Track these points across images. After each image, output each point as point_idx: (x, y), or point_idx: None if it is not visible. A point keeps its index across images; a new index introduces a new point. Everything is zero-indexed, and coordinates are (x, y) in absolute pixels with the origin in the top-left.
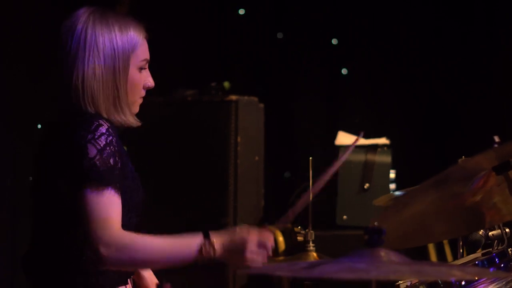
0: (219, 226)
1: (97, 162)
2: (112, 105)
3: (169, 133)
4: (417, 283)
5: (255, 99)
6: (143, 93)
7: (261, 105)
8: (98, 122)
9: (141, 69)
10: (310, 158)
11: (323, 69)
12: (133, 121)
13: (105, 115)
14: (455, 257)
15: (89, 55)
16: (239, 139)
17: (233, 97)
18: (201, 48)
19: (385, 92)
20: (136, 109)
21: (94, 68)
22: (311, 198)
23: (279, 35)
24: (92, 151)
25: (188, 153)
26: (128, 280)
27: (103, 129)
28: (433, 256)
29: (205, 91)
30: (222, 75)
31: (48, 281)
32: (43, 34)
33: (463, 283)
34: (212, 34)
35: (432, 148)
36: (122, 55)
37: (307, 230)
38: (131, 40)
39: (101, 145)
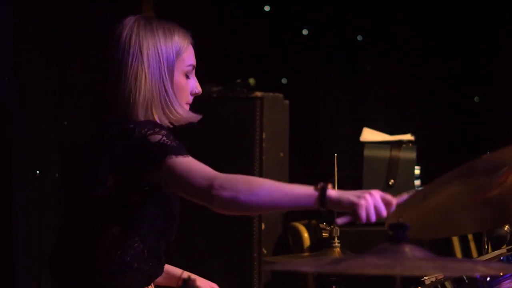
0: (245, 221)
1: (166, 142)
2: (163, 107)
3: (195, 130)
4: (442, 279)
5: (280, 95)
6: (190, 99)
7: (286, 102)
8: (155, 124)
9: (187, 74)
10: (335, 154)
11: (348, 66)
12: (192, 116)
13: (157, 118)
14: (480, 253)
15: (132, 61)
16: (264, 135)
17: (259, 94)
18: (227, 45)
19: (410, 88)
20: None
21: (136, 73)
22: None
23: (304, 32)
24: (156, 138)
25: (213, 149)
26: (152, 283)
27: (162, 129)
28: (458, 252)
29: (231, 88)
30: (248, 71)
31: (75, 280)
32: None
33: (488, 278)
34: (238, 31)
35: (457, 144)
36: (166, 60)
37: (332, 226)
38: (175, 45)
39: (164, 133)
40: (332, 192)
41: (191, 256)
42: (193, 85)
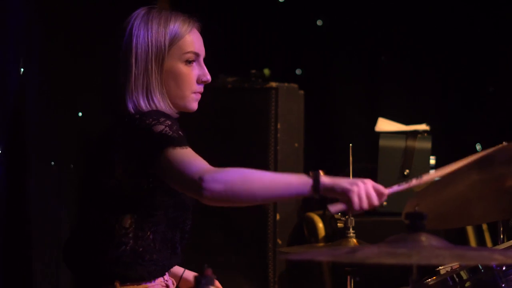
0: (260, 212)
1: (167, 132)
2: (162, 96)
3: (209, 120)
4: (457, 269)
5: (295, 86)
6: (196, 88)
7: (301, 92)
8: (162, 114)
9: (188, 61)
10: (350, 144)
11: (363, 56)
12: (195, 106)
13: (163, 106)
14: (495, 243)
15: (125, 52)
16: (279, 125)
17: (273, 84)
18: (242, 36)
19: (425, 78)
20: (189, 104)
21: (126, 63)
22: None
23: (319, 22)
24: (159, 128)
25: (228, 140)
26: (166, 273)
27: (167, 119)
28: (473, 242)
29: (246, 78)
30: (263, 62)
31: (87, 271)
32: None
33: (503, 268)
34: (253, 21)
35: (472, 134)
36: (156, 47)
37: (347, 216)
38: (170, 32)
39: (168, 124)
40: (325, 179)
41: (206, 248)
42: (199, 73)
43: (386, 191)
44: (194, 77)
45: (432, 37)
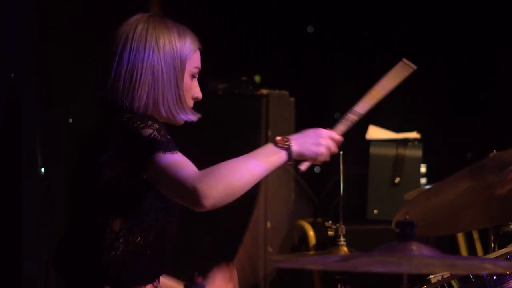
0: (250, 219)
1: (156, 136)
2: (174, 102)
3: (200, 127)
4: (448, 278)
5: (286, 93)
6: (191, 103)
7: (292, 99)
8: (149, 117)
9: (193, 76)
10: (341, 152)
11: (354, 63)
12: (194, 117)
13: (164, 113)
14: (486, 251)
15: (149, 53)
16: (270, 132)
17: (264, 91)
18: (233, 42)
19: (416, 86)
20: (183, 117)
21: (153, 66)
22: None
23: (310, 29)
24: (147, 132)
25: (219, 147)
26: (156, 279)
27: (155, 122)
28: (464, 250)
29: (236, 85)
30: (253, 69)
31: (77, 275)
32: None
33: (494, 277)
34: (244, 28)
35: (462, 142)
36: (180, 57)
37: (338, 224)
38: (188, 45)
39: (156, 127)
40: (294, 145)
41: (196, 255)
42: (196, 89)
43: (339, 136)
44: (192, 92)
45: (423, 45)
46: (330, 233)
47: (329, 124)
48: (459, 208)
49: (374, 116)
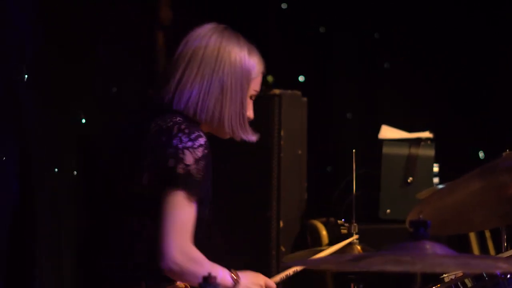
0: (263, 219)
1: (192, 171)
2: (237, 119)
3: None
4: (461, 277)
5: (299, 93)
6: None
7: (304, 99)
8: (199, 132)
9: (250, 98)
10: (354, 150)
11: (366, 63)
12: (253, 137)
13: (227, 129)
14: (498, 250)
15: (219, 65)
16: (282, 132)
17: (277, 91)
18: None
19: (428, 85)
20: (242, 135)
21: (223, 79)
22: None
23: (322, 29)
24: (190, 159)
25: (231, 147)
26: None
27: (202, 141)
28: (476, 249)
29: None
30: (266, 69)
31: (115, 275)
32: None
33: (508, 276)
34: (255, 28)
35: (475, 142)
36: (247, 75)
37: (350, 223)
38: (256, 67)
39: (199, 156)
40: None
41: (209, 255)
42: (251, 110)
43: (274, 285)
44: (249, 112)
45: (436, 44)
46: (343, 231)
47: (341, 124)
48: (471, 208)
49: (387, 116)
